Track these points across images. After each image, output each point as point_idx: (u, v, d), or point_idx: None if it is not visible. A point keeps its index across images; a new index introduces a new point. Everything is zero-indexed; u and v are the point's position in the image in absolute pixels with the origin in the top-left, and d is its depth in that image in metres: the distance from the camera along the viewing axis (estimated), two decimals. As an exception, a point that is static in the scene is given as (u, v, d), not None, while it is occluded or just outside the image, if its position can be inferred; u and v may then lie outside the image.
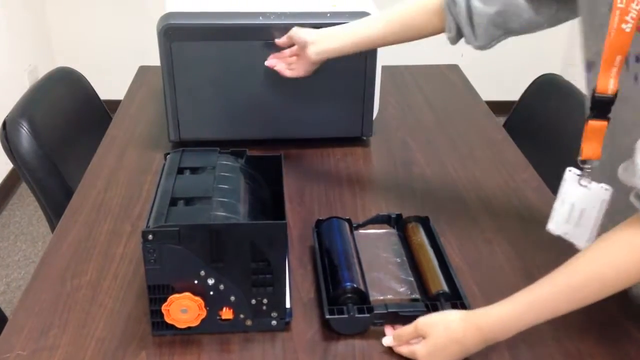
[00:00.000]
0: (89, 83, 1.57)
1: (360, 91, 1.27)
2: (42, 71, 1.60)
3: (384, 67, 1.31)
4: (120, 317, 0.86)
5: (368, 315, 0.83)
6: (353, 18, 1.20)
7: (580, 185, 0.80)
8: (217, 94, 1.44)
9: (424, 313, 0.81)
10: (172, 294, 0.79)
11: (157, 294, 0.79)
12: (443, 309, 0.82)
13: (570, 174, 0.81)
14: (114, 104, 1.50)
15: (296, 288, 0.91)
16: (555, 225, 0.84)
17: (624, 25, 0.70)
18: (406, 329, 0.80)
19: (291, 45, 1.13)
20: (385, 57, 1.29)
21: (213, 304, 0.81)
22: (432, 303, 0.84)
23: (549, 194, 1.14)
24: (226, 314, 0.81)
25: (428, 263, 0.92)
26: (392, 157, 1.30)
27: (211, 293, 0.80)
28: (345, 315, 0.83)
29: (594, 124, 0.75)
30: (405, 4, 1.04)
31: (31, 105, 1.34)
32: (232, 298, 0.81)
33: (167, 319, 0.80)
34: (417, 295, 0.89)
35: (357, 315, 0.82)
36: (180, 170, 0.89)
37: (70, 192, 1.19)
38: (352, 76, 1.26)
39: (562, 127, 1.44)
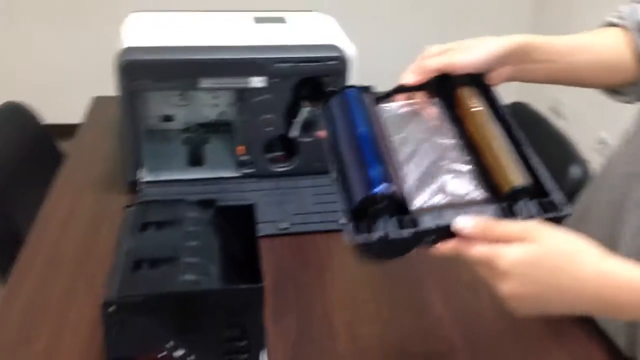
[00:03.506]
0: (38, 118, 1.47)
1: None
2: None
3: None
4: (78, 393, 0.77)
5: (413, 230, 0.54)
6: (322, 51, 1.15)
7: None
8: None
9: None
10: (136, 368, 0.71)
11: (120, 368, 0.71)
12: (524, 213, 0.55)
13: None
14: (65, 129, 1.40)
15: (273, 349, 0.84)
16: None
17: None
18: (504, 226, 0.54)
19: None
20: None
21: (183, 377, 0.73)
22: (508, 204, 0.57)
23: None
24: (198, 387, 0.74)
25: (494, 144, 0.62)
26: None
27: (181, 365, 0.72)
28: (380, 233, 0.54)
29: None
30: (596, 40, 0.81)
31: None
32: (204, 370, 0.73)
33: (132, 396, 0.72)
34: (481, 195, 0.59)
35: (395, 234, 0.54)
36: (144, 226, 0.81)
37: (20, 240, 1.09)
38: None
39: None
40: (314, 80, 1.17)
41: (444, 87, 0.69)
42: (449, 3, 2.93)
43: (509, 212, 0.56)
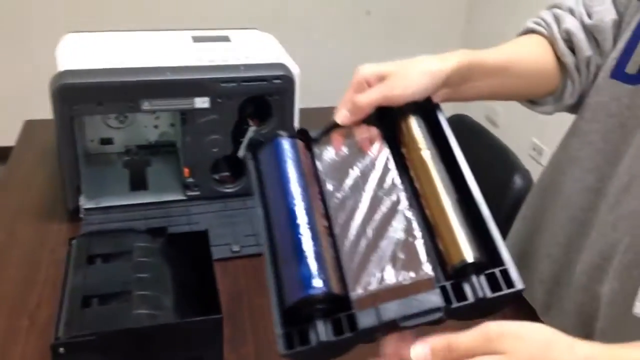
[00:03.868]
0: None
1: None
2: None
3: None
4: None
5: (351, 334, 0.48)
6: (268, 70, 1.14)
7: None
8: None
9: (446, 312, 0.48)
10: (90, 412, 0.67)
11: (72, 414, 0.67)
12: (477, 294, 0.48)
13: None
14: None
15: (231, 380, 0.82)
16: None
17: None
18: (463, 340, 0.47)
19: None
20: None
21: (140, 417, 0.70)
22: (454, 286, 0.50)
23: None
24: None
25: (437, 200, 0.54)
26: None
27: (137, 405, 0.69)
28: (312, 345, 0.48)
29: None
30: (524, 51, 0.81)
31: None
32: (163, 408, 0.70)
33: None
34: (429, 272, 0.50)
35: (332, 339, 0.48)
36: (91, 259, 0.77)
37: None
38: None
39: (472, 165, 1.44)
40: (260, 99, 1.15)
41: (384, 116, 0.62)
42: (384, 15, 2.97)
43: (458, 295, 0.49)
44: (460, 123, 1.55)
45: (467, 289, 0.49)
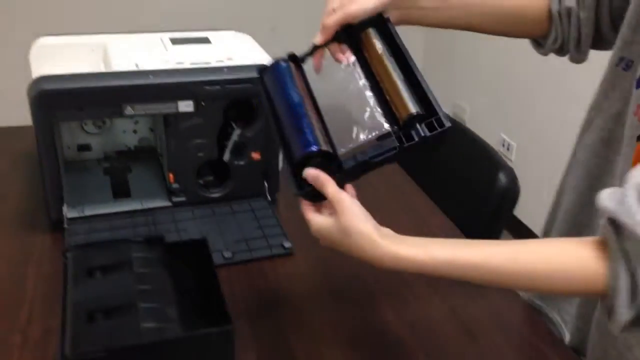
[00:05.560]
0: None
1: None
2: None
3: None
4: None
5: (337, 175, 0.70)
6: (252, 72, 1.12)
7: None
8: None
9: (400, 149, 0.70)
10: None
11: None
12: (420, 135, 0.70)
13: None
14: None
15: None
16: None
17: None
18: (327, 187, 0.68)
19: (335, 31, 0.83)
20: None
21: None
22: (405, 133, 0.70)
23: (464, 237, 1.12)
24: None
25: (390, 81, 0.75)
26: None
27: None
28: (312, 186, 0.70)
29: None
30: None
31: None
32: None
33: None
34: (387, 128, 0.73)
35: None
36: (90, 272, 0.75)
37: None
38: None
39: (456, 164, 1.45)
40: (244, 101, 1.14)
41: (350, 34, 0.81)
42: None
43: (407, 137, 0.71)
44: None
45: (413, 133, 0.71)
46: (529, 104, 2.31)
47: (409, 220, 1.22)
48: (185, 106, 1.10)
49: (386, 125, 0.73)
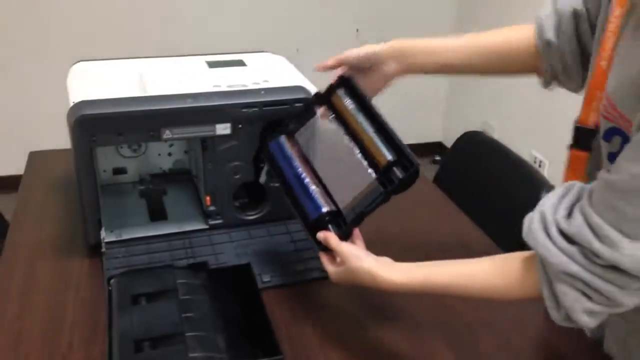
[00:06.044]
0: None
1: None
2: None
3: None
4: None
5: (343, 227, 0.88)
6: (289, 93, 1.12)
7: None
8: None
9: (386, 194, 0.86)
10: None
11: None
12: (397, 177, 0.86)
13: None
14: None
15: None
16: None
17: (602, 63, 0.74)
18: (332, 244, 0.86)
19: (338, 66, 1.03)
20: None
21: None
22: (386, 179, 0.87)
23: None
24: None
25: (364, 134, 0.92)
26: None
27: None
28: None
29: (576, 154, 0.78)
30: (494, 34, 0.98)
31: None
32: None
33: None
34: (374, 178, 0.88)
35: (338, 233, 0.87)
36: (135, 299, 0.74)
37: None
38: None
39: (494, 182, 1.43)
40: (280, 123, 1.13)
41: (324, 99, 1.01)
42: (372, 31, 2.97)
43: (389, 182, 0.86)
44: (474, 140, 1.54)
45: (392, 177, 0.86)
46: (559, 120, 2.28)
47: (448, 237, 1.20)
48: (223, 129, 1.10)
49: (373, 176, 0.88)
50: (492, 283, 0.75)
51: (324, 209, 0.89)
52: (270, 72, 1.21)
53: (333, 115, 0.98)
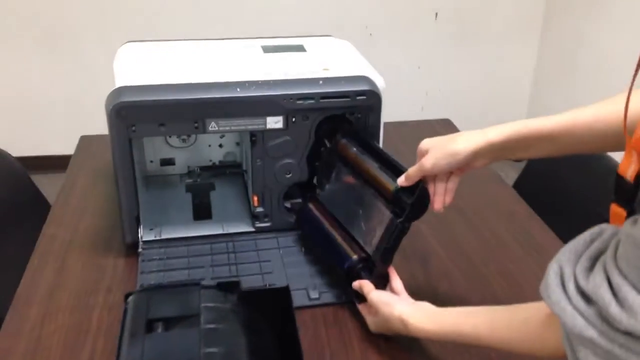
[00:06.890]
0: (19, 165, 1.30)
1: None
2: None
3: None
4: None
5: (375, 270, 0.87)
6: (351, 84, 0.99)
7: None
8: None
9: (401, 223, 0.84)
10: None
11: None
12: (407, 203, 0.83)
13: None
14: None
15: None
16: None
17: None
18: (367, 294, 0.84)
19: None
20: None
21: None
22: (398, 207, 0.85)
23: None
24: None
25: (374, 172, 0.91)
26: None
27: None
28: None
29: (615, 209, 0.61)
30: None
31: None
32: None
33: None
34: (389, 214, 0.87)
35: (370, 279, 0.86)
36: (149, 325, 0.63)
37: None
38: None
39: (580, 191, 1.27)
40: (339, 117, 1.00)
41: (330, 135, 1.00)
42: (451, 16, 2.78)
43: (401, 210, 0.85)
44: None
45: (402, 204, 0.85)
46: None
47: (522, 247, 1.05)
48: (275, 122, 0.98)
49: (387, 213, 0.87)
50: (514, 338, 0.69)
51: (353, 257, 0.89)
52: (332, 60, 1.08)
53: (343, 164, 0.98)
